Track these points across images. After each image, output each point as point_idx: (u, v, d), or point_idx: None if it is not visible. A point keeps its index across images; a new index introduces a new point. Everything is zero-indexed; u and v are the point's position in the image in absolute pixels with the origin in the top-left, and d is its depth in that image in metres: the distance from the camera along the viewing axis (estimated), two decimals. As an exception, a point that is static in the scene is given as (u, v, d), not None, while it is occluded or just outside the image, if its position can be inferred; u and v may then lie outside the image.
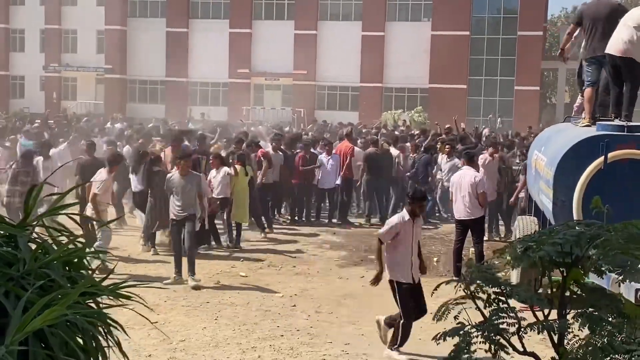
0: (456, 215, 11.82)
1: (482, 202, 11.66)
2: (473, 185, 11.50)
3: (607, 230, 2.93)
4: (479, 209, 11.60)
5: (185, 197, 11.05)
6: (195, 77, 53.45)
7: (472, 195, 11.48)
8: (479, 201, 11.53)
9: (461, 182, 11.63)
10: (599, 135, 9.18)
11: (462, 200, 11.56)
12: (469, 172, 11.79)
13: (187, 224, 11.09)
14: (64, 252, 2.01)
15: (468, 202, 11.51)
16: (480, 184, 11.62)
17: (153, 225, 12.79)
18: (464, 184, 11.58)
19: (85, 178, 12.59)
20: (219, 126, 25.13)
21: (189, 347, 8.05)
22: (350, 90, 50.77)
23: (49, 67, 55.25)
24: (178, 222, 11.14)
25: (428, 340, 7.63)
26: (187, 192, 11.07)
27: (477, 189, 11.49)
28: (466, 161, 12.15)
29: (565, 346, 3.18)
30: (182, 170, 11.22)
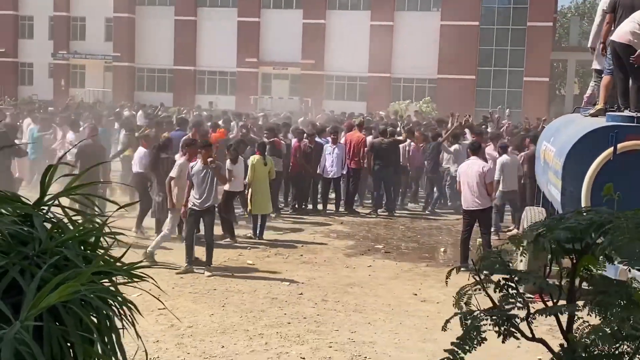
0: (464, 206, 11.81)
1: (490, 192, 11.65)
2: (481, 175, 11.48)
3: (617, 217, 2.93)
4: (487, 199, 11.59)
5: (206, 188, 10.94)
6: (203, 66, 53.48)
7: (480, 185, 11.47)
8: (487, 191, 11.53)
9: (468, 172, 11.62)
10: (608, 126, 9.17)
11: (470, 190, 11.55)
12: (476, 162, 11.77)
13: (206, 216, 11.04)
14: (79, 231, 2.02)
15: (476, 192, 11.49)
16: (488, 173, 11.61)
17: (160, 212, 12.81)
18: (471, 174, 11.56)
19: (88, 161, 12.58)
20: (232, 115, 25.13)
21: (196, 333, 8.10)
22: (358, 80, 50.71)
23: (58, 54, 55.35)
24: (197, 212, 11.01)
25: (434, 329, 7.66)
26: (209, 183, 10.95)
27: (485, 179, 11.48)
28: (472, 152, 12.11)
29: (574, 333, 3.18)
30: (203, 159, 11.04)
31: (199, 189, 10.92)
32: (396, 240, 14.03)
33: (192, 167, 11.06)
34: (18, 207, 2.03)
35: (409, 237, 14.17)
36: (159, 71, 54.74)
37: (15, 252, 1.93)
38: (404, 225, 15.61)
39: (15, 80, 57.06)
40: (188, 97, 49.52)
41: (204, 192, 10.91)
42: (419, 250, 13.14)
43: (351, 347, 7.86)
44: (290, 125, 19.61)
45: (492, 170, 11.88)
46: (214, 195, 11.09)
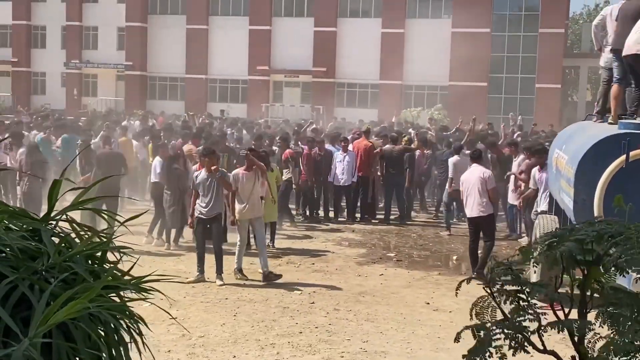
0: (468, 214, 11.74)
1: (493, 199, 11.62)
2: (483, 182, 11.42)
3: (628, 228, 2.91)
4: (490, 206, 11.54)
5: (212, 196, 10.95)
6: (214, 74, 53.64)
7: (482, 193, 11.40)
8: (490, 197, 11.49)
9: (471, 180, 11.57)
10: (620, 134, 9.11)
11: (473, 198, 11.47)
12: (477, 169, 11.72)
13: (214, 224, 11.05)
14: (87, 246, 2.03)
15: (479, 199, 11.43)
16: (489, 180, 11.55)
17: (172, 223, 12.93)
18: (473, 181, 11.51)
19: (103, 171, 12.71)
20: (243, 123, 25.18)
21: (207, 343, 8.09)
22: (369, 87, 50.69)
23: (70, 63, 55.65)
24: (204, 221, 11.03)
25: (447, 338, 7.62)
26: (214, 191, 10.96)
27: (487, 186, 11.43)
28: (473, 160, 12.04)
29: (586, 345, 3.16)
30: (207, 168, 11.07)
31: (205, 198, 10.94)
32: (408, 248, 14.00)
33: (196, 176, 11.13)
34: (26, 222, 2.03)
35: (420, 245, 14.13)
36: (171, 79, 54.94)
37: (24, 267, 1.94)
38: (416, 233, 15.57)
39: (28, 90, 57.40)
40: (200, 105, 49.61)
41: (210, 200, 10.93)
42: (431, 259, 13.11)
43: (363, 356, 7.83)
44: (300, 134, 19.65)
45: (492, 177, 11.84)
46: (220, 203, 11.12)
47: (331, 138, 18.59)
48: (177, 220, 12.97)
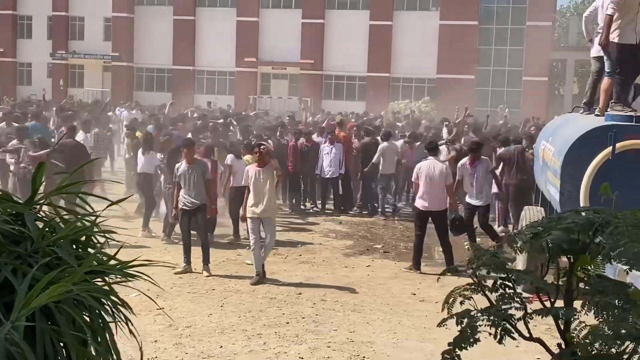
0: (422, 207, 11.56)
1: (450, 193, 11.74)
2: (443, 176, 11.51)
3: (615, 217, 2.91)
4: (445, 201, 11.69)
5: (194, 187, 10.92)
6: (202, 66, 53.42)
7: (441, 186, 11.52)
8: (448, 192, 11.63)
9: (431, 173, 11.49)
10: (607, 125, 9.16)
11: (432, 191, 11.47)
12: (437, 163, 11.75)
13: (198, 215, 11.00)
14: (71, 230, 2.01)
15: (440, 193, 11.52)
16: (449, 176, 11.65)
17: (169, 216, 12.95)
18: (435, 175, 11.48)
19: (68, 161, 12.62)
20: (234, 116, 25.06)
21: (194, 334, 8.08)
22: (357, 80, 50.64)
23: (56, 54, 55.26)
24: (188, 212, 11.00)
25: (433, 329, 7.64)
26: (195, 181, 10.92)
27: (445, 180, 11.54)
28: (429, 151, 12.04)
29: (572, 333, 3.17)
30: (187, 158, 11.08)
31: (187, 189, 10.93)
32: (395, 240, 14.02)
33: (177, 167, 11.10)
34: (9, 206, 2.01)
35: (407, 237, 14.14)
36: (158, 71, 54.67)
37: (7, 251, 1.91)
38: (403, 225, 15.59)
39: (14, 80, 56.94)
40: (187, 97, 49.40)
41: (192, 191, 10.92)
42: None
43: (350, 346, 7.84)
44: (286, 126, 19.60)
45: (450, 173, 11.87)
46: (202, 194, 11.04)
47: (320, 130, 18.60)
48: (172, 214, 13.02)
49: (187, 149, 11.17)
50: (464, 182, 12.80)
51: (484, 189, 12.82)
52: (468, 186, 12.81)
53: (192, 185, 10.92)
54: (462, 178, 12.76)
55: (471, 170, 12.74)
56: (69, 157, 12.86)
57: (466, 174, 12.76)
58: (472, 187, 12.75)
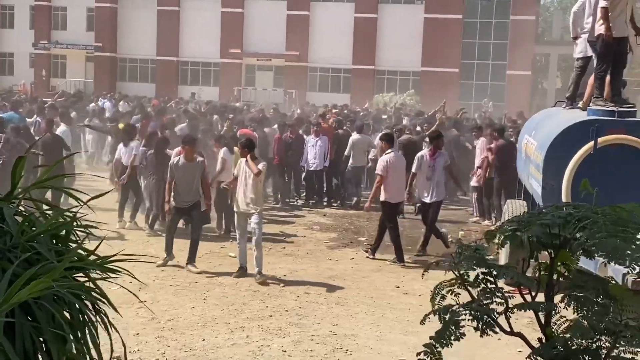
0: (391, 199, 11.68)
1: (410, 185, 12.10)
2: (404, 167, 11.87)
3: (595, 212, 2.93)
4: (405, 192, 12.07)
5: (191, 185, 10.74)
6: (186, 57, 53.17)
7: (403, 179, 11.86)
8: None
9: (397, 166, 11.70)
10: (589, 120, 9.21)
11: (398, 184, 11.73)
12: (400, 156, 12.08)
13: (193, 212, 10.83)
14: (51, 225, 1.99)
15: (402, 185, 11.89)
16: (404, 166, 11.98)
17: (158, 210, 12.88)
18: (400, 168, 11.76)
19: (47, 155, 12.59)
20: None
21: (177, 327, 8.06)
22: (342, 72, 50.62)
23: (39, 44, 54.82)
24: (182, 210, 10.84)
25: (416, 322, 7.67)
26: (193, 179, 10.74)
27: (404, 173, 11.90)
28: (386, 144, 12.03)
29: (552, 328, 3.20)
30: (187, 155, 10.84)
31: (183, 187, 10.72)
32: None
33: (175, 163, 10.84)
34: (-12, 200, 1.99)
35: (391, 230, 14.16)
36: (142, 62, 54.35)
37: (-14, 246, 1.90)
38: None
39: (-4, 71, 56.51)
40: (171, 88, 49.20)
41: (188, 189, 10.74)
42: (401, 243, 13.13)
43: (333, 339, 7.85)
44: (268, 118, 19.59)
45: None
46: (199, 191, 10.89)
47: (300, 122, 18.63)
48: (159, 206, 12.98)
49: (188, 146, 10.91)
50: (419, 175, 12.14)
51: (441, 184, 12.16)
52: (423, 180, 12.09)
53: (189, 183, 10.73)
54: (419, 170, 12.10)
55: (430, 162, 12.06)
56: (47, 151, 12.78)
57: (425, 166, 12.05)
58: (428, 180, 12.02)
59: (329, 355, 7.39)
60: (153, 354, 7.18)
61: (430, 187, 12.06)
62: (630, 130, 9.04)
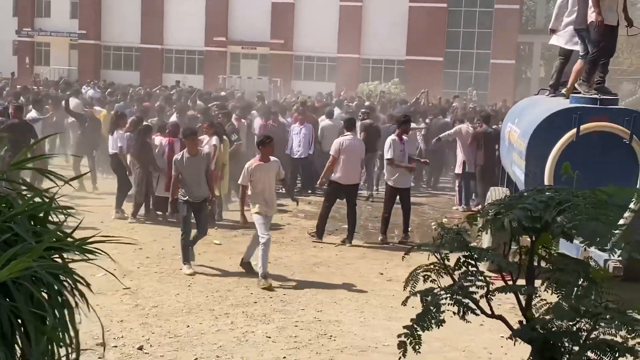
0: (343, 181, 11.99)
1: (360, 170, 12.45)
2: (361, 151, 12.27)
3: (576, 196, 2.95)
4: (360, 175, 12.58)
5: (198, 179, 10.09)
6: (170, 44, 52.89)
7: (358, 162, 12.24)
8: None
9: (352, 149, 11.99)
10: (571, 108, 9.27)
11: (352, 166, 12.02)
12: (356, 139, 12.42)
13: (203, 210, 10.26)
14: (29, 206, 1.98)
15: (357, 168, 12.25)
16: (363, 150, 12.42)
17: (141, 197, 12.84)
18: (355, 151, 12.06)
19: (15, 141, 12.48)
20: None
21: (161, 313, 8.05)
22: (327, 60, 50.51)
23: (22, 31, 54.31)
24: (193, 205, 10.05)
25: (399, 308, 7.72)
26: (199, 174, 10.11)
27: (361, 156, 12.36)
28: (347, 128, 12.44)
29: (534, 311, 3.22)
30: (191, 149, 10.16)
31: (191, 182, 10.03)
32: (363, 220, 14.06)
33: (179, 158, 10.11)
34: (-34, 181, 1.98)
35: (375, 217, 14.19)
36: (126, 49, 53.99)
37: (-36, 227, 1.88)
38: (371, 205, 15.64)
39: (-22, 58, 55.92)
40: (155, 76, 48.90)
41: (196, 184, 10.08)
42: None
43: (317, 325, 7.88)
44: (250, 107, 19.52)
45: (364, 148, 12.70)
46: (206, 186, 10.27)
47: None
48: (143, 195, 12.95)
49: (190, 140, 10.28)
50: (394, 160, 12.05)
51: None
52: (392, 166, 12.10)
53: (197, 177, 10.10)
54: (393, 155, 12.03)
55: (400, 146, 12.06)
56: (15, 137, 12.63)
57: (397, 149, 12.00)
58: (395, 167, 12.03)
59: (313, 341, 7.41)
60: (137, 341, 7.17)
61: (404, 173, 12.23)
62: (612, 117, 9.10)
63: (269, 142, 10.01)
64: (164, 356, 6.84)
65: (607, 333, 3.12)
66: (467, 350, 7.34)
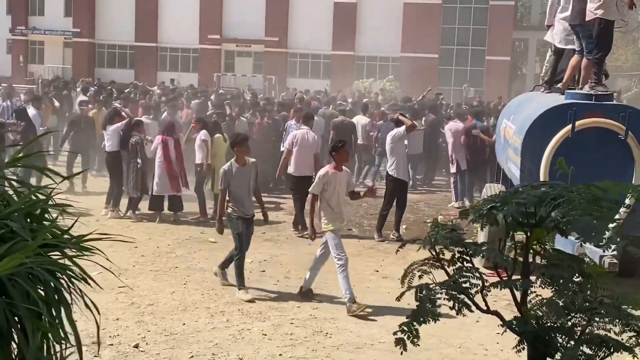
0: (296, 172, 12.41)
1: (317, 163, 12.38)
2: (315, 144, 12.51)
3: (570, 191, 2.96)
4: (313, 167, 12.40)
5: (249, 192, 9.09)
6: (165, 42, 52.81)
7: (312, 155, 12.41)
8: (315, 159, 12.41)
9: (305, 142, 12.37)
10: (566, 104, 9.28)
11: (305, 159, 12.33)
12: (310, 133, 12.63)
13: (251, 227, 9.22)
14: (25, 203, 1.98)
15: (310, 160, 12.38)
16: (318, 144, 12.70)
17: (131, 192, 12.81)
18: (307, 144, 12.37)
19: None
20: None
21: (157, 311, 8.05)
22: (322, 58, 50.49)
23: (16, 30, 54.17)
24: (247, 221, 9.06)
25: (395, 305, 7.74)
26: (248, 186, 9.08)
27: (315, 150, 12.52)
28: (304, 122, 12.97)
29: (528, 305, 3.23)
30: (240, 159, 9.04)
31: (242, 195, 9.00)
32: (359, 217, 14.09)
33: (228, 169, 8.98)
34: (-38, 179, 1.98)
35: (371, 215, 14.21)
36: (120, 47, 53.91)
37: (-40, 225, 1.88)
38: (367, 202, 15.63)
39: (-28, 57, 55.78)
40: (150, 74, 48.84)
41: (248, 197, 9.10)
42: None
43: (312, 323, 7.89)
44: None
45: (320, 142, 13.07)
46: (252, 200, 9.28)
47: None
48: (137, 190, 12.88)
49: (239, 147, 9.13)
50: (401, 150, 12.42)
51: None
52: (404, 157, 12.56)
53: (247, 190, 9.07)
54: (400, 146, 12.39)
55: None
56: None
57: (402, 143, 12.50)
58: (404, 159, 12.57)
59: (309, 338, 7.42)
60: (133, 339, 7.17)
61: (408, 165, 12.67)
62: (607, 114, 9.12)
63: (342, 147, 8.97)
64: (160, 354, 6.84)
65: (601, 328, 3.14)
66: (462, 346, 7.36)
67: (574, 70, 10.13)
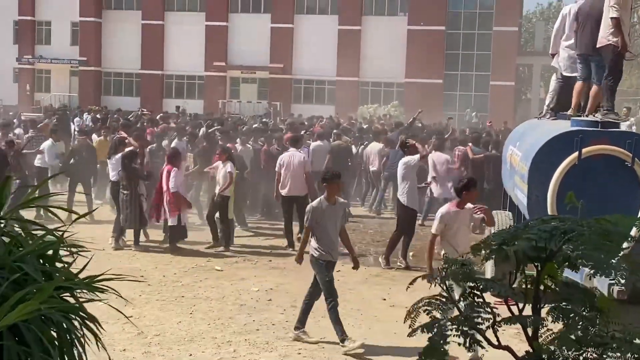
0: (285, 192, 13.18)
1: (308, 181, 13.08)
2: (301, 164, 13.12)
3: (580, 225, 2.96)
4: (305, 187, 13.11)
5: (336, 234, 8.51)
6: (170, 70, 53.17)
7: (301, 174, 13.03)
8: (306, 179, 13.07)
9: (292, 162, 13.10)
10: (573, 131, 9.28)
11: (293, 179, 13.03)
12: (297, 154, 13.37)
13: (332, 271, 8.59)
14: (38, 245, 1.98)
15: (298, 180, 13.02)
16: (307, 164, 13.42)
17: (130, 223, 12.69)
18: (295, 164, 13.08)
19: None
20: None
21: (163, 342, 8.02)
22: (326, 84, 50.76)
23: (23, 58, 54.61)
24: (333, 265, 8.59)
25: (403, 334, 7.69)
26: (336, 227, 8.45)
27: (304, 168, 13.13)
28: (291, 144, 13.82)
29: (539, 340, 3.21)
30: (330, 196, 8.35)
31: (330, 235, 8.40)
32: (365, 244, 14.05)
33: (318, 206, 8.36)
34: (-25, 221, 1.99)
35: (378, 242, 14.19)
36: (126, 75, 54.28)
37: (-27, 268, 1.89)
38: (373, 229, 15.63)
39: (-21, 85, 56.15)
40: (156, 101, 49.14)
41: (337, 237, 8.58)
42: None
43: (320, 353, 7.85)
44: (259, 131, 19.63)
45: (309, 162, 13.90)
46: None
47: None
48: (135, 221, 12.70)
49: (330, 184, 8.40)
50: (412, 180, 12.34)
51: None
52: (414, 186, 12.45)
53: (335, 231, 8.44)
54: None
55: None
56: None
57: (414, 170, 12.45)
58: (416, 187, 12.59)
59: (316, 368, 7.38)
60: (140, 370, 7.13)
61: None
62: (613, 140, 9.11)
63: (474, 186, 8.33)
64: (168, 385, 6.80)
65: (613, 361, 3.11)
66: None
67: (580, 96, 10.16)
